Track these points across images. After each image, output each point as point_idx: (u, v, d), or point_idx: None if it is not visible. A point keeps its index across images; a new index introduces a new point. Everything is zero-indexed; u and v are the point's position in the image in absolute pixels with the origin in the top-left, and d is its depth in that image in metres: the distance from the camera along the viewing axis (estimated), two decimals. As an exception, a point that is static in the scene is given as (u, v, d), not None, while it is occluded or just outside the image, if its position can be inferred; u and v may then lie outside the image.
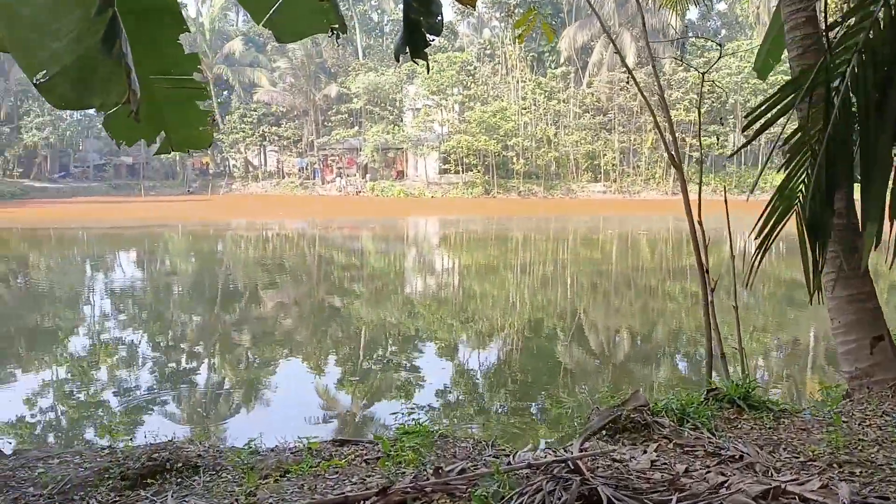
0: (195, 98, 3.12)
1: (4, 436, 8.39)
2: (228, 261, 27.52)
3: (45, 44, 2.20)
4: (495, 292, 20.25)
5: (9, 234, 36.16)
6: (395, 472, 3.74)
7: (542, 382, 11.25)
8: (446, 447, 4.51)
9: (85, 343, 14.33)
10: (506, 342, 14.39)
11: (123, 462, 4.13)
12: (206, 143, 3.26)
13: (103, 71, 2.23)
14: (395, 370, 11.96)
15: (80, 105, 2.45)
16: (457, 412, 9.64)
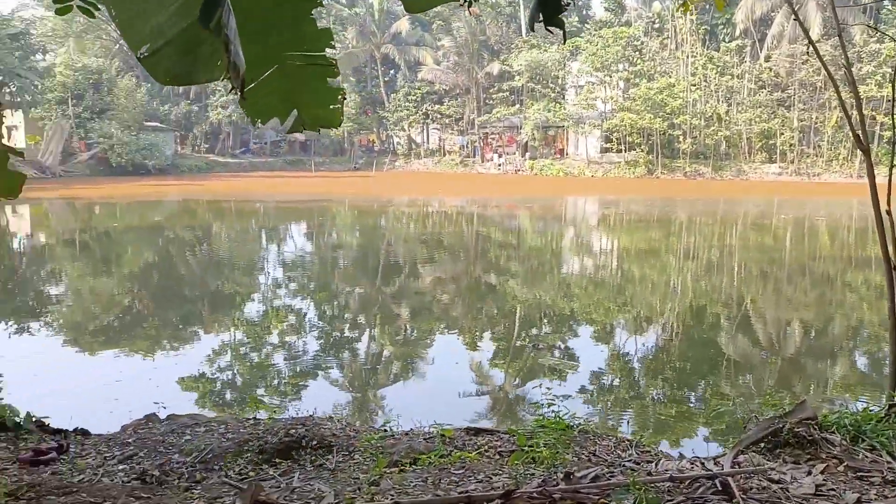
0: (327, 75, 3.03)
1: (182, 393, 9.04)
2: (390, 235, 28.32)
3: (149, 16, 2.17)
4: (655, 276, 19.40)
5: (195, 206, 39.33)
6: (524, 473, 3.54)
7: (701, 373, 10.60)
8: (585, 444, 4.25)
9: (258, 308, 15.25)
10: (664, 328, 13.73)
11: (263, 436, 4.23)
12: (336, 122, 3.18)
13: (209, 44, 2.18)
14: (547, 350, 11.73)
15: (186, 80, 2.43)
16: (608, 398, 9.28)
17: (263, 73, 2.91)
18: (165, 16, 2.20)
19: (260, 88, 2.96)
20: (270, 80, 2.95)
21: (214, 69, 2.40)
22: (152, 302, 15.78)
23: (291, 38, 2.89)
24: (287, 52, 2.91)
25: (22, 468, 4.21)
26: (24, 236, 29.21)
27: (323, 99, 3.09)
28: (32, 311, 14.82)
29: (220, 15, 2.00)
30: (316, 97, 3.08)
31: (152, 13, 2.21)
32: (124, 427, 5.14)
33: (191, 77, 2.44)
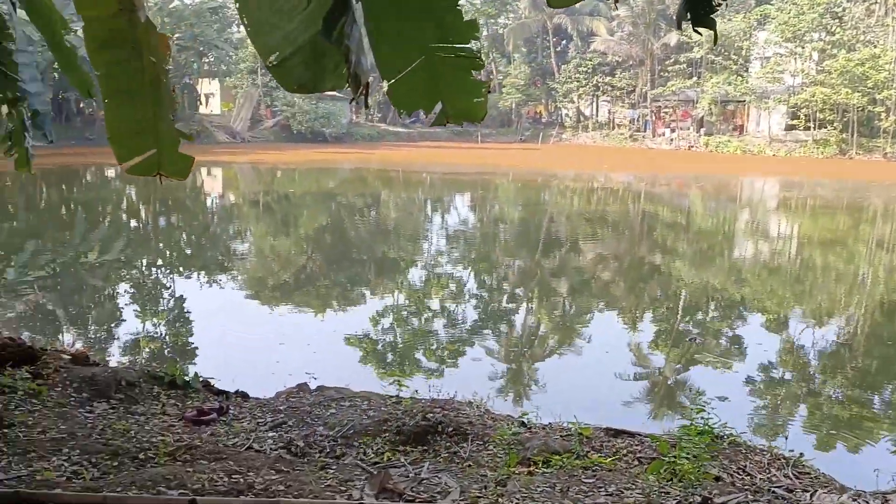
0: (471, 67, 2.99)
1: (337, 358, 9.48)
2: (552, 210, 28.05)
3: (279, 24, 2.20)
4: (840, 266, 17.84)
5: (366, 174, 40.94)
6: (658, 491, 3.37)
7: (890, 374, 9.64)
8: (735, 458, 3.98)
9: (420, 275, 15.71)
10: (848, 322, 12.60)
11: (402, 417, 4.33)
12: (480, 115, 3.13)
13: (335, 52, 2.19)
14: (713, 338, 11.16)
15: (312, 88, 2.45)
16: (772, 400, 8.65)
17: (409, 65, 2.92)
18: (294, 24, 2.23)
19: (405, 81, 2.97)
20: (416, 72, 2.96)
21: (341, 77, 2.42)
22: (323, 263, 16.68)
23: (436, 31, 2.88)
24: (432, 45, 2.90)
25: (186, 426, 4.60)
26: (216, 196, 31.78)
27: (467, 92, 3.06)
28: (220, 266, 16.17)
29: (343, 25, 2.00)
30: (460, 90, 3.05)
31: (282, 22, 2.26)
32: (278, 394, 5.46)
33: (317, 85, 2.48)
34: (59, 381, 4.86)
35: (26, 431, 3.95)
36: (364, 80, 2.07)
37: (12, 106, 6.92)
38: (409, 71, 2.91)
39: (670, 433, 4.37)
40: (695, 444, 3.93)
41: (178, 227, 22.97)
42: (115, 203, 27.78)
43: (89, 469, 3.57)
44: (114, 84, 3.47)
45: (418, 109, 3.11)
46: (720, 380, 9.19)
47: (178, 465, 3.57)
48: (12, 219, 22.48)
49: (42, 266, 15.30)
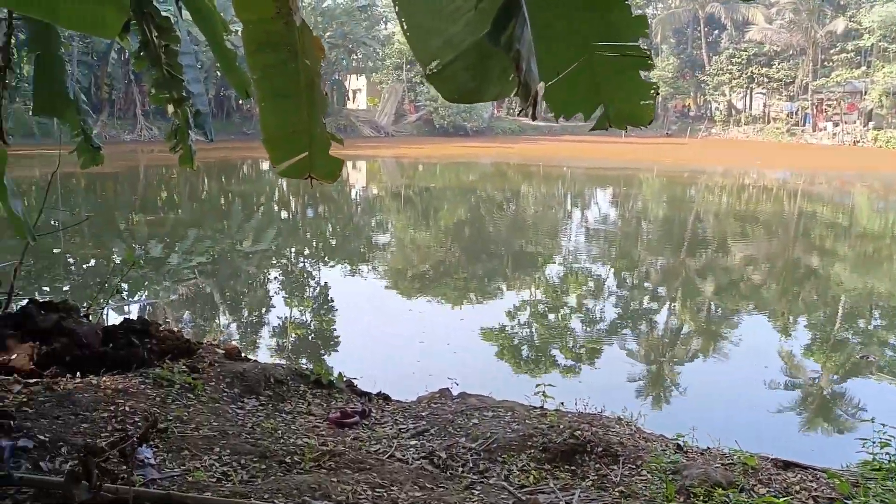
0: (638, 67, 2.71)
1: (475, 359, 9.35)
2: (699, 207, 26.75)
3: (441, 29, 2.04)
4: None
5: (506, 168, 40.82)
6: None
7: None
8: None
9: (558, 271, 15.41)
10: None
11: (547, 432, 4.13)
12: (646, 119, 2.84)
13: (501, 57, 1.99)
14: (877, 348, 10.15)
15: (474, 97, 2.27)
16: None
17: (569, 64, 2.70)
18: (458, 27, 2.08)
19: (565, 82, 2.75)
20: (576, 73, 2.73)
21: (506, 84, 2.24)
22: (462, 256, 16.72)
23: (600, 27, 2.63)
24: (595, 43, 2.66)
25: (330, 428, 4.63)
26: (360, 189, 32.77)
27: (633, 94, 2.78)
28: (362, 256, 16.61)
29: (513, 28, 1.81)
30: (625, 92, 2.78)
31: (445, 26, 2.10)
32: (420, 398, 5.41)
33: (480, 94, 2.31)
34: (213, 375, 5.03)
35: (181, 427, 4.09)
36: (534, 88, 1.89)
37: (178, 105, 7.30)
38: (569, 71, 2.70)
39: (849, 469, 3.90)
40: (882, 486, 3.47)
41: (324, 217, 23.85)
42: (268, 195, 29.24)
43: (238, 471, 3.62)
44: (270, 87, 3.48)
45: (577, 113, 2.88)
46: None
47: (322, 474, 3.55)
48: (177, 208, 24.14)
49: (202, 252, 16.30)
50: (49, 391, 4.22)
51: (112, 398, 4.23)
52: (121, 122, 50.65)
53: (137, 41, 7.02)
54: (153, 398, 4.40)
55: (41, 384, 4.37)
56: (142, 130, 50.42)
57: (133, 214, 21.65)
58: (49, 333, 4.92)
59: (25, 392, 4.17)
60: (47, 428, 3.71)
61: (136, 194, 27.16)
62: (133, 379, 4.61)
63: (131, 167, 35.56)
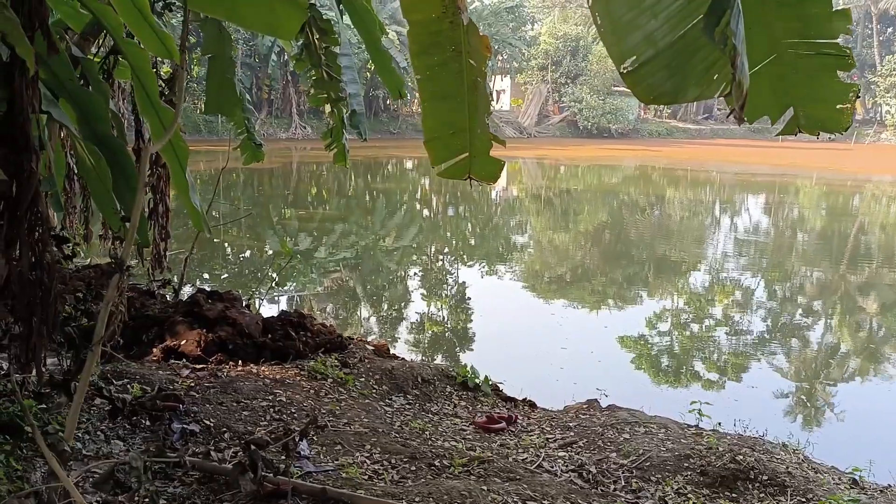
0: (837, 68, 2.44)
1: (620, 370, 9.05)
2: (863, 217, 24.72)
3: (640, 23, 1.89)
4: None
5: (651, 171, 39.53)
6: None
7: None
8: None
9: (702, 281, 14.71)
10: None
11: (705, 454, 3.88)
12: (843, 125, 2.55)
13: (706, 54, 1.83)
14: None
15: (672, 98, 2.11)
16: None
17: (757, 63, 2.48)
18: (659, 21, 1.93)
19: (753, 80, 2.53)
20: (764, 71, 2.50)
21: (710, 84, 2.07)
22: (602, 260, 16.33)
23: (794, 22, 2.38)
24: (788, 40, 2.42)
25: (476, 431, 4.58)
26: (500, 189, 32.81)
27: (828, 96, 2.50)
28: (501, 257, 16.59)
29: (728, 20, 1.65)
30: (819, 94, 2.51)
31: (644, 19, 1.97)
32: (567, 408, 5.27)
33: (678, 94, 2.15)
34: (363, 371, 5.13)
35: (334, 421, 4.18)
36: (746, 86, 1.73)
37: (334, 105, 7.55)
38: (758, 69, 2.48)
39: None
40: None
41: (464, 217, 24.04)
42: (411, 193, 29.87)
43: (389, 470, 3.64)
44: (433, 88, 3.47)
45: (763, 115, 2.65)
46: None
47: (472, 480, 3.50)
48: (326, 203, 25.16)
49: (347, 247, 16.87)
50: (213, 377, 4.44)
51: (270, 388, 4.39)
52: (277, 121, 53.53)
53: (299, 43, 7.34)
54: (307, 390, 4.53)
55: (207, 370, 4.61)
56: (297, 129, 53.04)
57: (285, 209, 22.76)
58: (215, 322, 5.20)
59: (192, 377, 4.42)
60: (212, 413, 3.89)
61: (289, 190, 28.57)
62: (290, 370, 4.77)
63: (286, 163, 37.47)
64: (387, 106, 59.79)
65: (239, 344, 5.12)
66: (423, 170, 37.87)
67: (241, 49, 46.32)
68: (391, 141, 52.06)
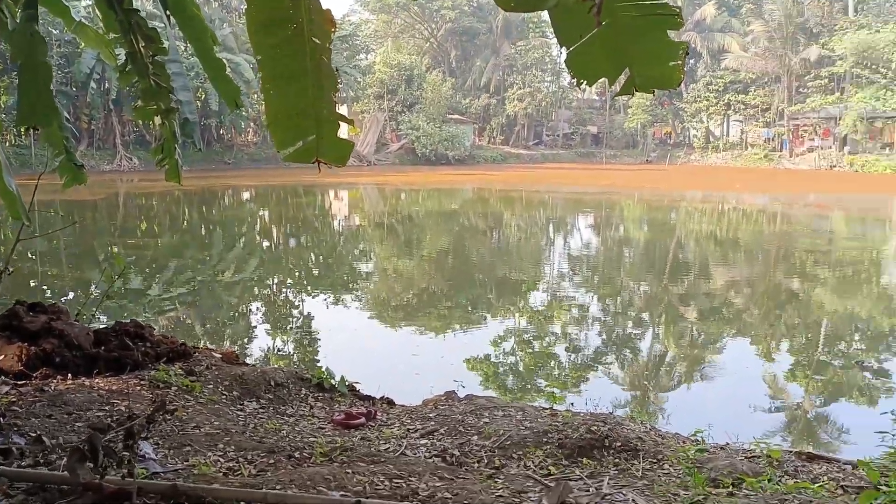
0: (667, 27, 2.60)
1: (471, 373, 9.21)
2: (680, 232, 26.88)
3: None
4: None
5: (488, 195, 40.91)
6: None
7: None
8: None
9: (542, 298, 15.28)
10: None
11: (562, 429, 3.98)
12: (675, 81, 2.73)
13: None
14: (860, 369, 10.13)
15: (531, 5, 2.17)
16: None
17: (592, 27, 2.59)
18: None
19: (587, 45, 2.65)
20: (600, 34, 2.62)
21: None
22: (446, 284, 16.55)
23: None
24: (621, 2, 2.56)
25: (335, 429, 4.44)
26: (342, 217, 32.61)
27: (660, 54, 2.66)
28: (346, 286, 16.35)
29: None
30: (652, 53, 2.66)
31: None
32: (426, 401, 5.24)
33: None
34: (211, 378, 4.84)
35: (181, 426, 3.89)
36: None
37: (165, 117, 7.14)
38: (592, 33, 2.59)
39: (873, 460, 3.78)
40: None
41: (306, 246, 23.57)
42: (250, 224, 28.96)
43: (245, 466, 3.43)
44: (275, 67, 3.35)
45: (601, 77, 2.77)
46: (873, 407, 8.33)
47: (336, 467, 3.37)
48: (158, 236, 23.82)
49: (183, 283, 16.01)
50: (39, 392, 4.01)
51: (107, 398, 4.03)
52: (100, 153, 50.26)
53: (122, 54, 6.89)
54: (150, 399, 4.20)
55: (31, 385, 4.15)
56: (122, 160, 50.06)
57: (112, 245, 21.29)
58: (38, 335, 4.71)
59: (14, 393, 3.96)
60: (39, 427, 3.50)
61: (115, 224, 26.81)
62: (129, 381, 4.40)
63: (110, 195, 35.21)
64: (220, 136, 57.95)
65: (68, 357, 4.67)
66: (262, 200, 36.94)
67: (56, 76, 43.17)
68: (226, 171, 50.40)
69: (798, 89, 62.15)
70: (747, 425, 6.43)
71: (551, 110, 73.72)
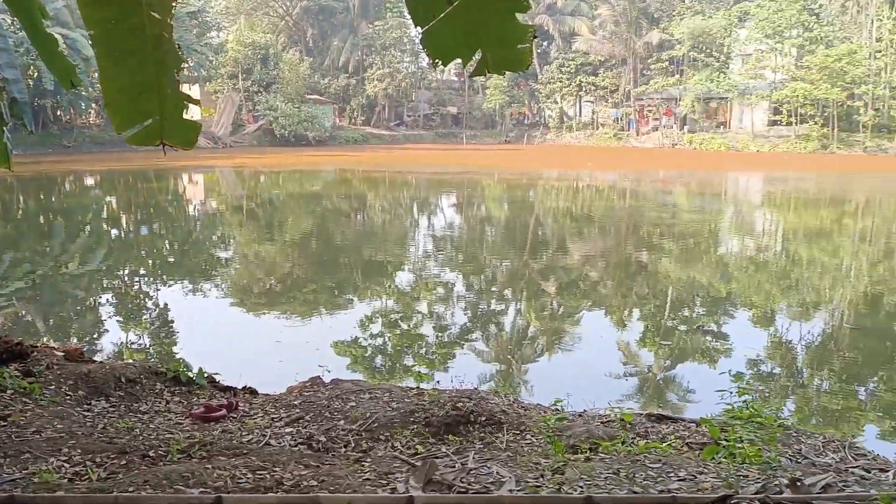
0: (515, 10, 2.65)
1: (338, 358, 9.16)
2: (538, 209, 27.85)
3: None
4: (825, 259, 17.76)
5: (351, 176, 40.57)
6: (734, 473, 3.08)
7: (875, 364, 9.52)
8: (788, 441, 3.70)
9: (408, 278, 15.36)
10: (833, 315, 12.48)
11: (429, 407, 4.02)
12: (522, 64, 2.78)
13: None
14: (701, 334, 10.97)
15: None
16: (770, 385, 8.51)
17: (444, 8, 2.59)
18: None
19: (441, 26, 2.65)
20: (453, 16, 2.63)
21: None
22: (309, 267, 16.30)
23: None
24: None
25: (194, 423, 4.26)
26: (198, 202, 31.27)
27: (509, 37, 2.70)
28: (204, 273, 15.72)
29: None
30: (502, 35, 2.70)
31: None
32: (290, 389, 5.13)
33: None
34: (53, 378, 4.49)
35: (18, 432, 3.58)
36: None
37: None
38: (446, 13, 2.59)
39: (714, 418, 4.09)
40: (745, 428, 3.66)
41: (160, 234, 22.45)
42: (95, 211, 27.19)
43: (94, 469, 3.21)
44: (109, 44, 3.10)
45: (455, 58, 2.78)
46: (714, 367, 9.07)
47: (194, 463, 3.23)
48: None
49: (20, 277, 14.81)
50: None
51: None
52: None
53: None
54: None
55: None
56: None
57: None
58: None
59: None
60: None
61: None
62: (-47, 387, 4.01)
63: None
64: (57, 117, 53.87)
65: None
66: (109, 186, 34.78)
67: None
68: (66, 155, 47.00)
69: (643, 71, 65.68)
70: (604, 392, 6.80)
71: (411, 91, 73.89)
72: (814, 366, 9.53)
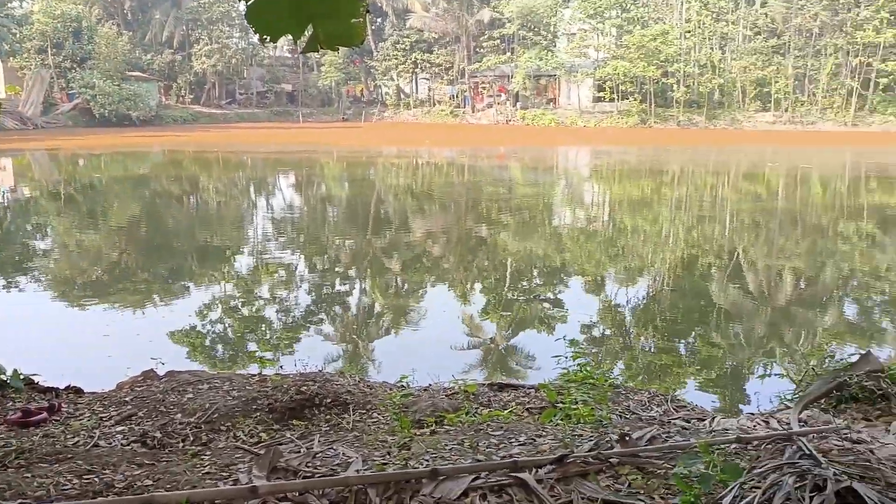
0: (347, -17, 2.59)
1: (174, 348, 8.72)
2: (379, 187, 27.86)
3: None
4: (647, 227, 19.16)
5: (181, 157, 38.58)
6: (570, 434, 3.25)
7: (692, 322, 10.47)
8: (618, 399, 3.96)
9: (247, 262, 14.87)
10: (655, 279, 13.53)
11: (272, 394, 3.92)
12: (357, 38, 2.73)
13: None
14: (539, 303, 11.51)
15: None
16: (601, 347, 9.13)
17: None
18: None
19: (269, 4, 2.54)
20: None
21: None
22: (139, 255, 15.37)
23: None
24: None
25: (10, 430, 3.89)
26: (7, 189, 28.50)
27: (341, 12, 2.64)
28: (18, 266, 14.40)
29: None
30: (333, 10, 2.63)
31: None
32: (120, 385, 4.82)
33: None
34: None
35: None
36: None
37: None
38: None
39: (551, 382, 4.29)
40: (582, 392, 3.87)
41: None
42: None
43: None
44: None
45: (285, 34, 2.67)
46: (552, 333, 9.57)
47: (11, 473, 2.94)
48: None
49: None
50: None
51: None
52: None
53: None
54: None
55: None
56: None
57: None
58: None
59: None
60: None
61: None
62: None
63: None
64: None
65: None
66: None
67: None
68: None
69: (476, 49, 67.13)
70: (449, 365, 6.96)
71: (243, 68, 71.20)
72: (639, 326, 10.25)
